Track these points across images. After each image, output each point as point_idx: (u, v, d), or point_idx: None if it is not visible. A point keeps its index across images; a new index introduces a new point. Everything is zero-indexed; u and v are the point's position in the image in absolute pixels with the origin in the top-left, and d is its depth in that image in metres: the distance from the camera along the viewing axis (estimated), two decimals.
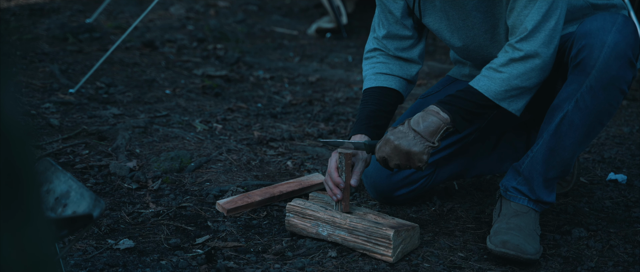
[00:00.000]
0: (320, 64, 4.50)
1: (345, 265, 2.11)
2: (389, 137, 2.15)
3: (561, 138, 2.17)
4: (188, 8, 5.48)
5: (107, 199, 2.48)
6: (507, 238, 2.16)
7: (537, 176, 2.22)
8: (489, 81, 2.12)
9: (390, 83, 2.37)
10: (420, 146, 2.12)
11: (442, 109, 2.13)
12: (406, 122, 2.16)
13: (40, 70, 3.77)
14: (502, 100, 2.12)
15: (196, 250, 2.19)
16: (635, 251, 2.27)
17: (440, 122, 2.12)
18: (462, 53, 2.37)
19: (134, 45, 4.41)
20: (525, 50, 2.08)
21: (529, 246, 2.16)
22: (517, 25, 2.10)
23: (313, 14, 5.74)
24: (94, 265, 2.05)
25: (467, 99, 2.13)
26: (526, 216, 2.24)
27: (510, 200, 2.27)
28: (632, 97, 3.91)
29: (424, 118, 2.13)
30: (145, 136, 3.00)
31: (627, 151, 3.12)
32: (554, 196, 2.27)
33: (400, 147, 2.13)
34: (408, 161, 2.15)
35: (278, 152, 2.98)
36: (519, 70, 2.09)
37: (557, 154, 2.19)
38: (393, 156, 2.15)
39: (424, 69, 4.36)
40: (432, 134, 2.13)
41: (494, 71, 2.12)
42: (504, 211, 2.27)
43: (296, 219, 2.27)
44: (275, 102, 3.69)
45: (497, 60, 2.13)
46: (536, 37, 2.08)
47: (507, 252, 2.14)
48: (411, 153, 2.13)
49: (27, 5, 5.08)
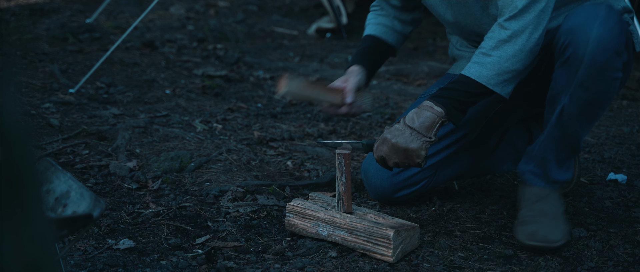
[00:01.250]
0: (321, 64, 4.50)
1: (345, 265, 2.11)
2: (386, 136, 2.16)
3: (564, 128, 2.22)
4: (188, 8, 5.48)
5: (107, 199, 2.48)
6: (534, 229, 2.23)
7: (549, 161, 2.29)
8: (480, 67, 2.13)
9: (387, 35, 2.50)
10: (417, 142, 2.13)
11: (435, 103, 2.15)
12: (401, 120, 2.17)
13: (40, 70, 3.77)
14: (495, 85, 2.13)
15: (196, 250, 2.19)
16: (635, 251, 2.27)
17: (435, 116, 2.14)
18: (454, 29, 2.40)
19: (134, 45, 4.41)
20: (512, 29, 2.10)
21: (556, 232, 2.23)
22: (506, 4, 2.12)
23: (313, 14, 5.74)
24: (94, 265, 2.05)
25: (459, 90, 2.15)
26: (547, 198, 2.31)
27: (529, 183, 2.34)
28: (632, 97, 3.91)
29: (418, 114, 2.15)
30: (145, 135, 3.00)
31: (627, 151, 3.12)
32: (570, 173, 2.35)
33: (398, 145, 2.14)
34: (407, 158, 2.16)
35: (278, 152, 2.98)
36: (508, 52, 2.11)
37: (564, 141, 2.25)
38: (391, 154, 2.16)
39: (424, 69, 4.36)
40: (428, 129, 2.14)
41: (483, 56, 2.14)
42: (526, 196, 2.34)
43: (296, 219, 2.27)
44: (275, 102, 3.69)
45: (486, 44, 2.14)
46: (525, 17, 2.10)
47: (536, 244, 2.22)
48: (409, 150, 2.14)
49: (27, 5, 5.08)
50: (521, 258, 2.22)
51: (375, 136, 3.22)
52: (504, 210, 2.52)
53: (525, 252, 2.25)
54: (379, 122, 3.43)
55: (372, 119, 3.47)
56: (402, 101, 3.77)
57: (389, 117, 3.47)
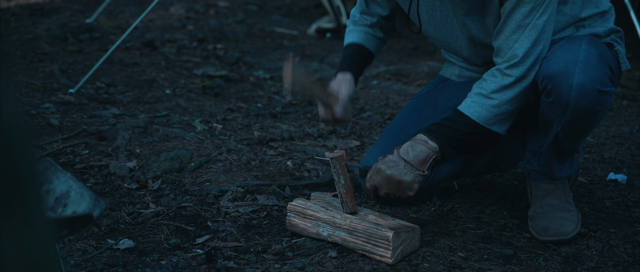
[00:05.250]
0: (321, 64, 4.50)
1: (345, 265, 2.11)
2: (380, 167, 2.23)
3: (560, 146, 2.30)
4: (188, 8, 5.48)
5: (107, 199, 2.48)
6: (546, 224, 2.31)
7: (552, 165, 2.37)
8: (480, 108, 2.20)
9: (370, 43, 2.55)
10: (410, 175, 2.21)
11: (430, 138, 2.22)
12: (395, 151, 2.24)
13: (40, 70, 3.77)
14: (493, 124, 2.21)
15: (196, 250, 2.19)
16: (635, 251, 2.27)
17: (429, 151, 2.22)
18: (435, 42, 2.47)
19: (134, 45, 4.41)
20: (515, 76, 2.15)
21: (567, 224, 2.30)
22: (504, 49, 2.16)
23: (313, 14, 5.74)
24: (94, 265, 2.05)
25: (455, 128, 2.22)
26: (555, 191, 2.40)
27: (535, 181, 2.42)
28: (632, 97, 3.91)
29: (413, 147, 2.22)
30: (145, 135, 3.00)
31: (627, 151, 3.12)
32: (575, 166, 2.44)
33: (392, 177, 2.22)
34: (398, 190, 2.24)
35: (278, 152, 2.97)
36: (508, 96, 2.17)
37: (563, 150, 2.32)
38: (384, 185, 2.24)
39: (424, 69, 4.36)
40: (421, 163, 2.22)
41: (484, 98, 2.19)
42: (534, 192, 2.42)
43: (297, 219, 2.27)
44: (275, 102, 3.69)
45: (487, 86, 2.19)
46: (526, 62, 2.15)
47: (550, 238, 2.29)
48: (403, 182, 2.22)
49: (27, 5, 5.08)
50: (521, 258, 2.22)
51: (375, 136, 3.22)
52: (504, 210, 2.52)
53: (525, 252, 2.25)
54: (379, 122, 3.43)
55: (372, 119, 3.47)
56: (402, 101, 3.77)
57: (389, 117, 3.47)
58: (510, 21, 2.12)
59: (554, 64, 2.11)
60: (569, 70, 2.09)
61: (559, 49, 2.14)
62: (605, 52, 2.17)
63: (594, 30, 2.31)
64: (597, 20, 2.33)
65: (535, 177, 2.42)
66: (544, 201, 2.39)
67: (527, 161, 2.43)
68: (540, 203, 2.39)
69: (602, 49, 2.16)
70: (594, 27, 2.32)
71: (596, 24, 2.32)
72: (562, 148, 2.30)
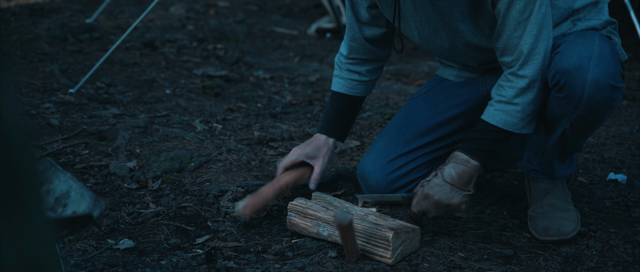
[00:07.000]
0: (321, 64, 4.50)
1: (345, 265, 2.11)
2: (427, 192, 2.23)
3: (566, 143, 2.29)
4: (188, 8, 5.48)
5: (107, 199, 2.48)
6: (547, 224, 2.33)
7: (553, 164, 2.38)
8: (505, 115, 2.19)
9: (357, 89, 2.52)
10: (457, 198, 2.22)
11: (471, 157, 2.22)
12: (439, 174, 2.23)
13: (40, 70, 3.77)
14: (522, 128, 2.20)
15: (196, 250, 2.19)
16: (635, 251, 2.27)
17: (472, 170, 2.22)
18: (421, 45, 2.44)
19: (134, 45, 4.41)
20: (529, 76, 2.14)
21: (568, 223, 2.32)
22: (510, 48, 2.14)
23: (313, 14, 5.74)
24: (94, 265, 2.05)
25: (488, 139, 2.22)
26: (555, 190, 2.42)
27: (535, 180, 2.44)
28: (632, 97, 3.91)
29: (456, 169, 2.22)
30: (145, 135, 3.00)
31: (627, 151, 3.12)
32: (574, 166, 2.46)
33: (441, 202, 2.22)
34: (446, 213, 2.24)
35: (278, 152, 2.97)
36: (529, 98, 2.17)
37: (567, 148, 2.33)
38: (431, 210, 2.24)
39: (424, 69, 4.36)
40: (466, 183, 2.23)
41: (507, 104, 2.18)
42: (534, 192, 2.44)
43: (297, 218, 2.27)
44: (275, 102, 3.69)
45: (506, 93, 2.18)
46: (535, 60, 2.13)
47: (551, 238, 2.30)
48: (451, 206, 2.22)
49: (27, 5, 5.08)
50: (521, 258, 2.22)
51: (375, 136, 3.22)
52: (504, 210, 2.52)
53: (525, 252, 2.25)
54: (379, 122, 3.43)
55: (372, 119, 3.47)
56: (402, 101, 3.77)
57: (389, 117, 3.47)
58: (509, 20, 2.11)
59: (568, 59, 2.10)
60: (583, 65, 2.09)
61: (572, 44, 2.14)
62: (614, 48, 2.17)
63: (590, 23, 2.30)
64: (591, 11, 2.32)
65: (534, 177, 2.43)
66: (544, 201, 2.40)
67: (526, 160, 2.44)
68: (540, 203, 2.40)
69: (612, 45, 2.17)
70: (589, 19, 2.31)
71: (591, 15, 2.31)
72: (567, 146, 2.30)
